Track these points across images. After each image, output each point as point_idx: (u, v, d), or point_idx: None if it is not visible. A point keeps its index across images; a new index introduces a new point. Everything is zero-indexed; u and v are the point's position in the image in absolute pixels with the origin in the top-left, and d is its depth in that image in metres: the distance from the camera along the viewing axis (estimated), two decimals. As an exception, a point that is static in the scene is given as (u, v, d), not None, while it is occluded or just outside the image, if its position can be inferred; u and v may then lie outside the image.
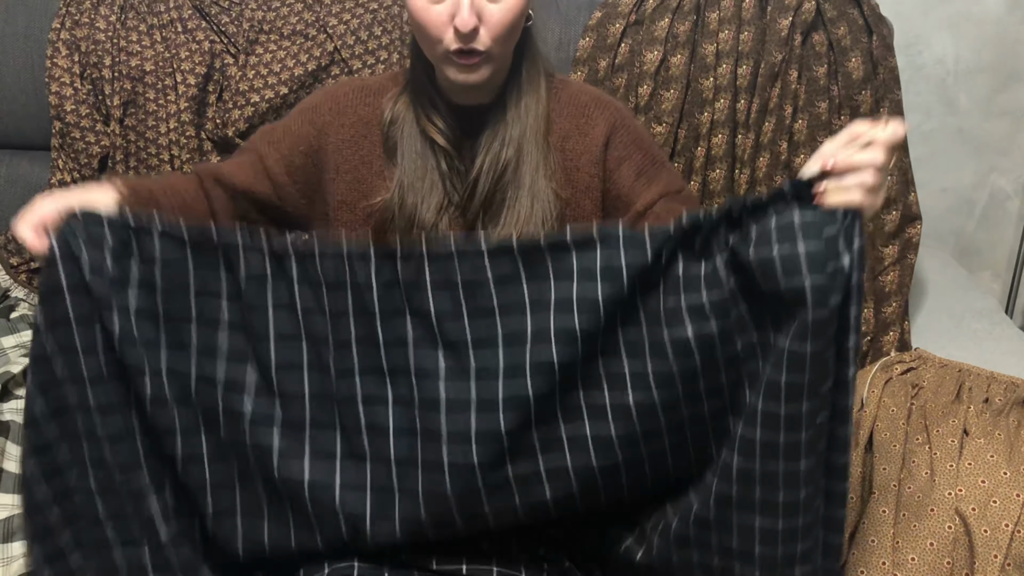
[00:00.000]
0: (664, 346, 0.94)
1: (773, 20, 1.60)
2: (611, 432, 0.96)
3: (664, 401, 0.95)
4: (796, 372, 0.87)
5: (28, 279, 1.70)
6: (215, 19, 1.68)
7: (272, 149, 1.18)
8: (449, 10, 1.02)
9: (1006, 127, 2.07)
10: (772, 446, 0.90)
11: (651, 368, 0.95)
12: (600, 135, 1.16)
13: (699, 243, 0.93)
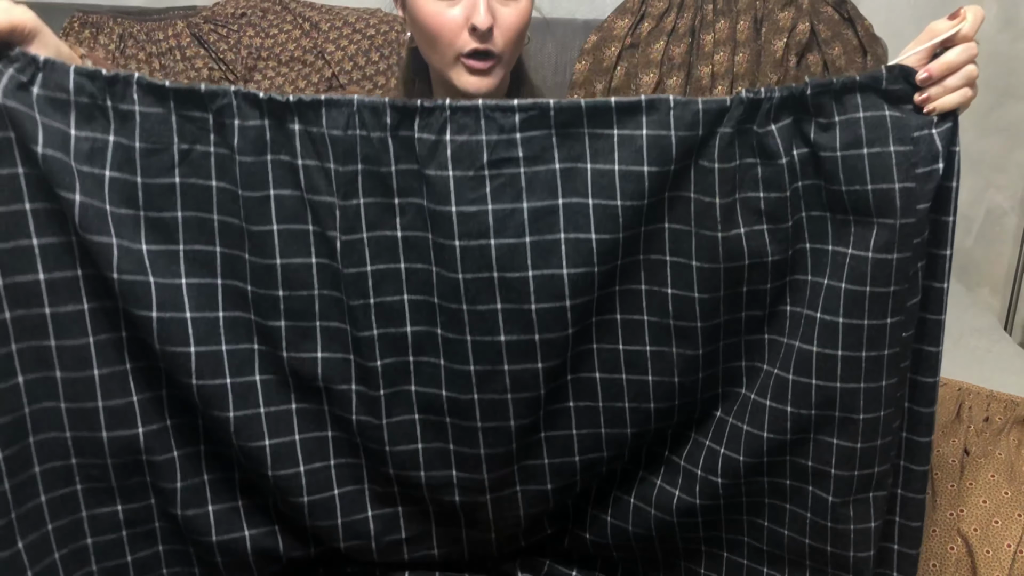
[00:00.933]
0: (716, 244, 0.87)
1: (768, 42, 1.62)
2: (643, 319, 0.90)
3: (704, 300, 0.89)
4: (881, 283, 0.83)
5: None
6: (213, 46, 1.69)
7: None
8: (464, 12, 1.05)
9: (1002, 144, 2.08)
10: (855, 361, 0.86)
11: (695, 263, 0.88)
12: None
13: (761, 130, 0.85)
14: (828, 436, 0.90)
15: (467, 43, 1.06)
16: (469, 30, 1.05)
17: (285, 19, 1.72)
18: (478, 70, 1.07)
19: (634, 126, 0.84)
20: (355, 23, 1.71)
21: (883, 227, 0.82)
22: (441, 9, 1.05)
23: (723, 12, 1.65)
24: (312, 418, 0.93)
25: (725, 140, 0.84)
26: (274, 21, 1.72)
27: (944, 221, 0.86)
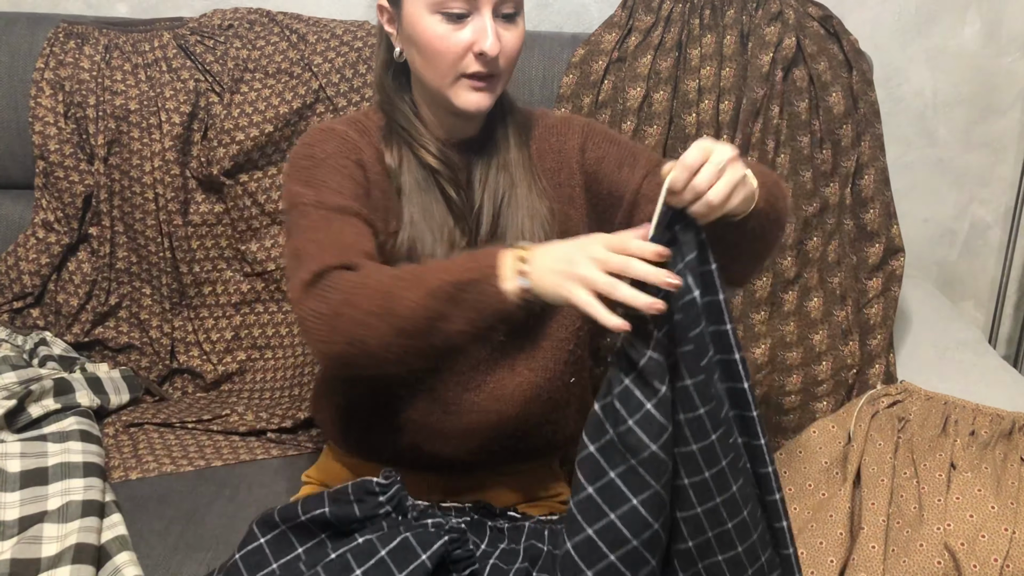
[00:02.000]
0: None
1: (754, 56, 1.62)
2: None
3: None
4: (690, 409, 0.86)
5: (11, 319, 1.69)
6: (200, 58, 1.68)
7: (346, 199, 1.09)
8: (470, 36, 1.06)
9: (985, 158, 2.10)
10: (703, 484, 0.89)
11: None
12: (574, 147, 1.23)
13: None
14: (713, 556, 0.92)
15: (471, 65, 1.08)
16: (476, 54, 1.07)
17: (272, 31, 1.71)
18: (479, 88, 1.09)
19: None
20: (342, 35, 1.70)
21: (670, 365, 0.86)
22: (447, 32, 1.06)
23: (709, 27, 1.65)
24: None
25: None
26: (261, 33, 1.71)
27: (720, 331, 0.89)
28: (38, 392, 1.41)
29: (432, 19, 1.06)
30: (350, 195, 1.09)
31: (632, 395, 0.86)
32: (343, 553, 0.98)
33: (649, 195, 1.18)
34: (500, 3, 1.07)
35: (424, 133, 1.16)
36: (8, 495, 1.25)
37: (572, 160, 1.22)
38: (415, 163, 1.15)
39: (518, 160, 1.18)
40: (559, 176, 1.22)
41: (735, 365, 0.91)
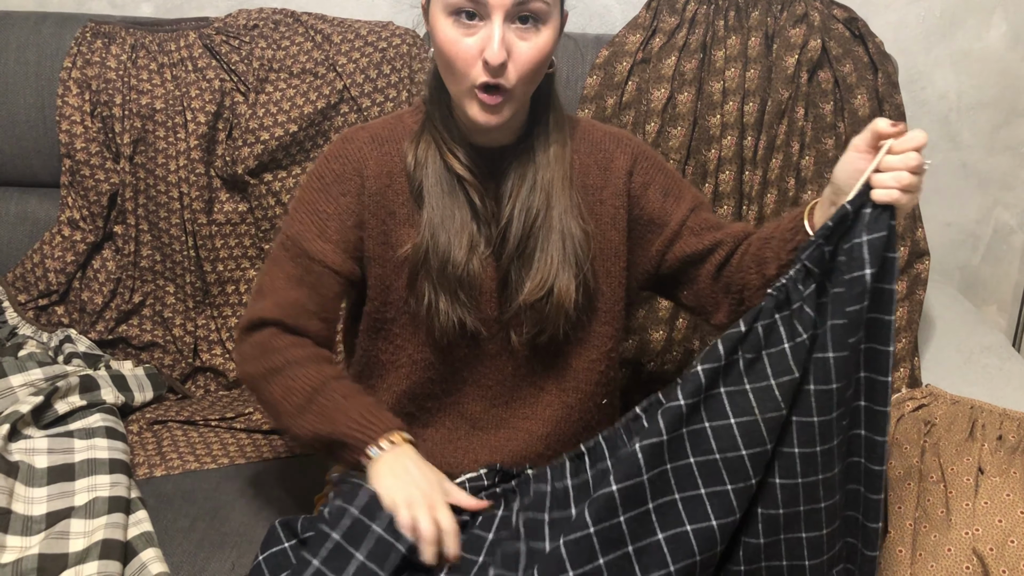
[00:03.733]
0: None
1: (779, 58, 1.62)
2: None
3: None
4: (822, 381, 0.91)
5: (36, 316, 1.70)
6: (225, 58, 1.69)
7: (328, 247, 1.15)
8: (479, 44, 1.02)
9: (1009, 162, 2.08)
10: (811, 456, 0.93)
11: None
12: (622, 167, 1.19)
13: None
14: (797, 532, 0.95)
15: (480, 75, 1.03)
16: (483, 63, 1.02)
17: (297, 31, 1.72)
18: (488, 105, 1.04)
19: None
20: (367, 36, 1.71)
21: (823, 330, 0.91)
22: (457, 37, 1.02)
23: (734, 28, 1.65)
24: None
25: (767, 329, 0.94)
26: (286, 33, 1.72)
27: (885, 320, 0.92)
28: (64, 389, 1.42)
29: (446, 22, 1.03)
30: (328, 232, 1.15)
31: (775, 329, 0.93)
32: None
33: (694, 228, 1.18)
34: (515, 9, 1.01)
35: (457, 138, 1.13)
36: (36, 490, 1.25)
37: (619, 180, 1.19)
38: (441, 165, 1.13)
39: (557, 178, 1.14)
40: (602, 194, 1.18)
41: (885, 357, 0.92)
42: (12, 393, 1.42)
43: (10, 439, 1.30)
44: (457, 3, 1.01)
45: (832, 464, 0.94)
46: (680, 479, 0.94)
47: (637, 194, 1.20)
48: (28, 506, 1.23)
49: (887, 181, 0.91)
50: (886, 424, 0.95)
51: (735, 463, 0.93)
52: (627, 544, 0.93)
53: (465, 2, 1.01)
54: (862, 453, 0.97)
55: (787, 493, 0.94)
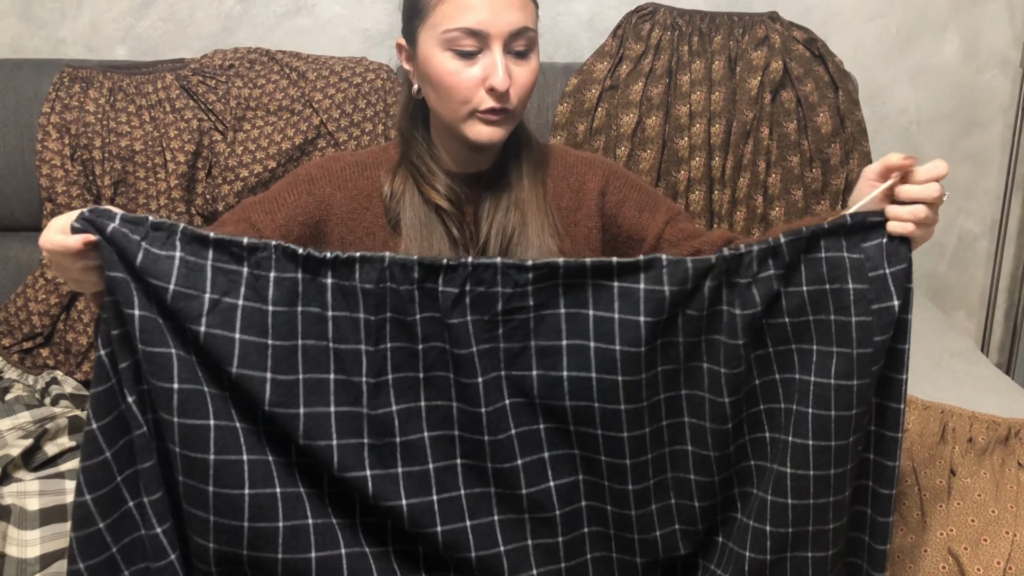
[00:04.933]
0: (702, 375, 0.97)
1: (742, 80, 1.67)
2: (647, 457, 0.99)
3: (693, 429, 0.99)
4: (843, 407, 0.93)
5: (20, 359, 1.71)
6: (203, 98, 1.72)
7: (268, 219, 1.17)
8: (482, 73, 1.07)
9: (969, 171, 2.15)
10: (824, 479, 0.95)
11: (685, 395, 0.98)
12: (594, 189, 1.23)
13: (742, 278, 0.95)
14: (803, 551, 0.98)
15: (484, 101, 1.08)
16: (487, 90, 1.08)
17: (272, 69, 1.76)
18: (492, 121, 1.10)
19: (632, 280, 0.94)
20: (341, 72, 1.74)
21: (842, 356, 0.93)
22: (459, 68, 1.07)
23: (698, 53, 1.70)
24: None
25: (712, 291, 0.95)
26: (261, 72, 1.75)
27: (900, 349, 0.95)
28: (53, 430, 1.43)
29: (444, 56, 1.08)
30: (276, 213, 1.16)
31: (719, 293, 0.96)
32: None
33: (671, 240, 1.20)
34: (511, 40, 1.08)
35: (435, 170, 1.17)
36: (28, 533, 1.26)
37: (591, 201, 1.23)
38: (419, 198, 1.17)
39: (531, 197, 1.18)
40: (575, 215, 1.22)
41: (899, 385, 0.96)
42: (0, 437, 1.43)
43: (1, 483, 1.31)
44: (457, 37, 1.06)
45: (844, 487, 0.96)
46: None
47: (612, 213, 1.24)
48: (22, 549, 1.24)
49: (902, 214, 0.93)
50: (897, 449, 0.98)
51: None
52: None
53: (465, 35, 1.06)
54: (870, 476, 1.00)
55: (798, 513, 0.96)
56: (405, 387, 0.96)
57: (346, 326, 0.94)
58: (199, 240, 0.89)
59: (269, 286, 0.91)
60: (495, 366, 0.96)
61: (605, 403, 0.95)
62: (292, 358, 0.92)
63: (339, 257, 0.92)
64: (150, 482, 0.91)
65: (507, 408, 0.96)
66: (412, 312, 0.95)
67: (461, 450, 0.97)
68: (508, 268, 0.94)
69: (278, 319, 0.92)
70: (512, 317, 0.95)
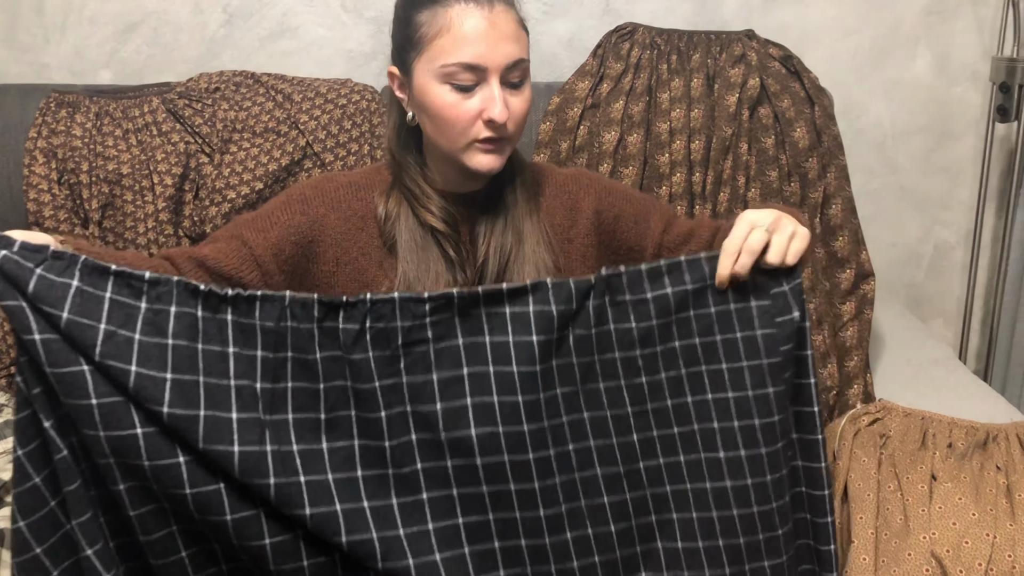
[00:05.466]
0: (600, 395, 1.01)
1: (721, 97, 1.71)
2: (555, 481, 1.00)
3: (600, 450, 1.02)
4: (765, 415, 0.98)
5: (8, 383, 1.72)
6: (189, 121, 1.74)
7: (260, 237, 1.18)
8: (480, 105, 1.10)
9: (944, 183, 2.19)
10: (763, 487, 0.99)
11: (588, 417, 1.01)
12: (589, 208, 1.26)
13: (633, 297, 1.00)
14: (760, 561, 1.01)
15: (482, 131, 1.11)
16: (485, 121, 1.10)
17: (258, 92, 1.78)
18: (490, 150, 1.13)
19: (522, 304, 0.98)
20: (327, 93, 1.77)
21: (753, 368, 0.98)
22: (457, 101, 1.10)
23: (677, 71, 1.74)
24: None
25: (597, 309, 0.99)
26: (247, 94, 1.78)
27: (804, 356, 1.01)
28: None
29: (441, 88, 1.10)
30: (269, 231, 1.18)
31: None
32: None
33: (670, 246, 1.25)
34: (507, 72, 1.10)
35: (430, 193, 1.19)
36: (19, 555, 1.27)
37: (586, 220, 1.25)
38: (414, 221, 1.19)
39: (525, 215, 1.21)
40: (569, 233, 1.25)
41: (808, 389, 1.02)
42: (-9, 461, 1.43)
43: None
44: (455, 71, 1.09)
45: (783, 492, 1.01)
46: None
47: (610, 229, 1.27)
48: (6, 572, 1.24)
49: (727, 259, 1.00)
50: (820, 451, 1.03)
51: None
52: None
53: (463, 70, 1.09)
54: (803, 482, 1.05)
55: (745, 523, 1.00)
56: (305, 429, 0.97)
57: (244, 363, 0.95)
58: (99, 271, 0.90)
59: (169, 320, 0.92)
60: (399, 400, 0.98)
61: (508, 426, 0.97)
62: (193, 392, 0.92)
63: (240, 295, 0.94)
64: (76, 504, 0.92)
65: (413, 443, 0.98)
66: (312, 351, 0.97)
67: (366, 491, 0.98)
68: (405, 301, 0.97)
69: (178, 353, 0.92)
70: (412, 350, 0.98)
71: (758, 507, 0.99)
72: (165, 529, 0.96)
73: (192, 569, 0.99)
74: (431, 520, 0.98)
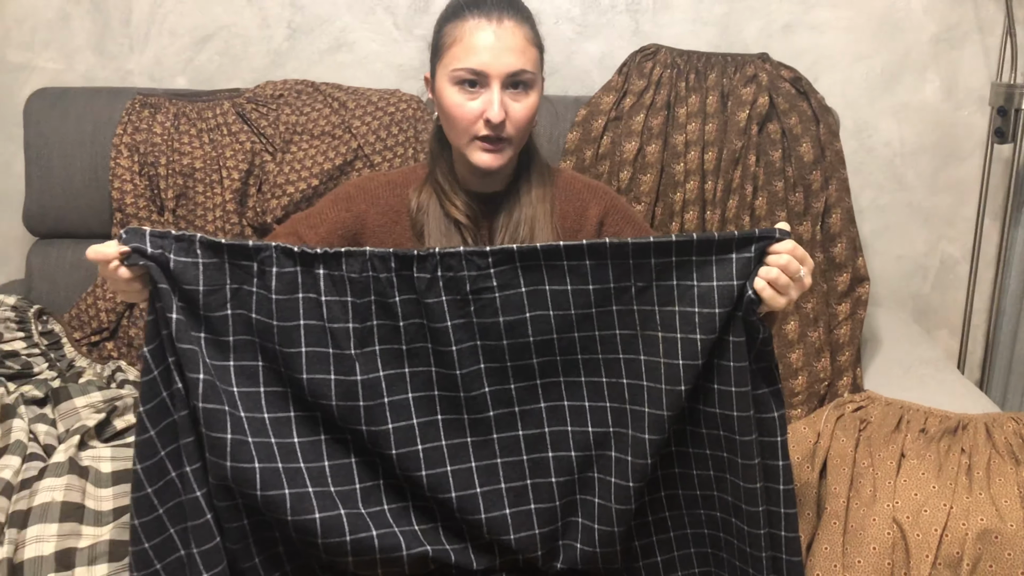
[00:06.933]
0: (656, 343, 1.14)
1: (733, 113, 1.87)
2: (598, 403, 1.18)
3: (651, 391, 1.14)
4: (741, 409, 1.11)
5: (88, 351, 1.94)
6: (255, 123, 1.95)
7: (312, 232, 1.39)
8: (481, 106, 1.26)
9: (950, 200, 2.32)
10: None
11: (644, 360, 1.14)
12: (595, 216, 1.41)
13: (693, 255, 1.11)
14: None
15: (481, 130, 1.27)
16: (484, 121, 1.26)
17: (317, 99, 1.99)
18: (489, 148, 1.28)
19: (580, 258, 1.12)
20: (377, 102, 1.97)
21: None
22: (462, 101, 1.27)
23: (694, 89, 1.91)
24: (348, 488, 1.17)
25: (659, 267, 1.12)
26: (307, 101, 1.99)
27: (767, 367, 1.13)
28: (121, 408, 1.65)
29: (452, 89, 1.28)
30: (319, 227, 1.38)
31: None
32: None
33: None
34: (509, 79, 1.25)
35: (456, 189, 1.35)
36: (103, 490, 1.47)
37: (591, 227, 1.40)
38: (440, 212, 1.36)
39: (539, 215, 1.35)
40: (577, 236, 1.39)
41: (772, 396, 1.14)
42: (76, 412, 1.64)
43: (80, 448, 1.52)
44: (463, 76, 1.27)
45: (754, 478, 1.12)
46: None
47: None
48: (98, 502, 1.44)
49: (762, 272, 1.08)
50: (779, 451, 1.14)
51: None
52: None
53: (469, 74, 1.26)
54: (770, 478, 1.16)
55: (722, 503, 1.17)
56: (390, 357, 1.15)
57: (337, 308, 1.13)
58: (214, 246, 1.10)
59: (272, 279, 1.12)
60: (471, 336, 1.14)
61: (565, 355, 1.15)
62: (295, 334, 1.12)
63: (327, 252, 1.12)
64: (191, 454, 1.11)
65: (482, 371, 1.15)
66: (392, 295, 1.13)
67: (441, 407, 1.16)
68: (471, 255, 1.12)
69: (280, 304, 1.12)
70: (480, 296, 1.13)
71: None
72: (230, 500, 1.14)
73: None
74: (495, 431, 1.16)
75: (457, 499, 1.16)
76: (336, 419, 1.14)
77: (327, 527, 1.12)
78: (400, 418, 1.15)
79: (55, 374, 1.80)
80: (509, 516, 1.18)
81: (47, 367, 1.82)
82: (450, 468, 1.16)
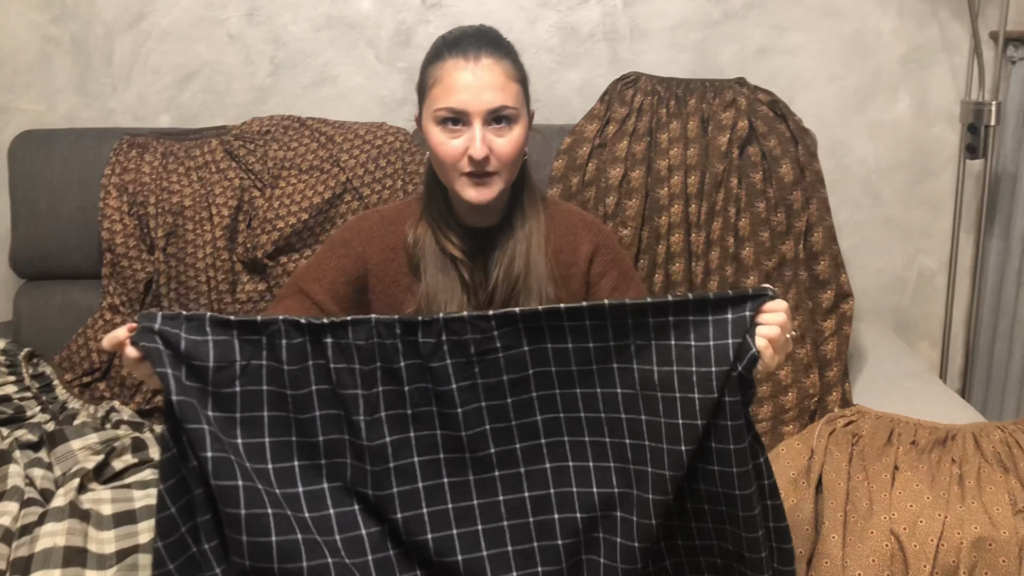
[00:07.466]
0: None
1: (714, 138, 1.92)
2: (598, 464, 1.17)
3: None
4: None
5: (81, 391, 1.93)
6: (243, 159, 1.97)
7: (316, 285, 1.40)
8: (464, 144, 1.28)
9: (926, 215, 2.38)
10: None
11: (644, 419, 1.14)
12: (586, 252, 1.43)
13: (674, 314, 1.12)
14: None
15: (466, 166, 1.29)
16: (468, 158, 1.28)
17: (304, 134, 2.01)
18: (477, 183, 1.30)
19: (580, 319, 1.13)
20: (364, 135, 1.99)
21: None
22: (446, 140, 1.29)
23: (675, 115, 1.95)
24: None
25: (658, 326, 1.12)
26: (294, 136, 2.00)
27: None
28: (119, 449, 1.65)
29: (436, 129, 1.30)
30: (323, 279, 1.39)
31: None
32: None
33: None
34: (490, 115, 1.27)
35: (452, 224, 1.37)
36: (105, 533, 1.47)
37: (583, 262, 1.42)
38: (436, 247, 1.38)
39: (536, 251, 1.37)
40: (571, 270, 1.42)
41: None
42: (73, 455, 1.64)
43: (79, 492, 1.52)
44: (445, 115, 1.29)
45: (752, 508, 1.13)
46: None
47: (594, 281, 1.44)
48: (100, 545, 1.44)
49: (762, 330, 1.08)
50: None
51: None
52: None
53: (450, 113, 1.29)
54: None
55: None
56: (395, 422, 1.15)
57: (345, 375, 1.14)
58: (224, 323, 1.10)
59: (283, 351, 1.12)
60: (475, 398, 1.14)
61: (569, 412, 1.16)
62: (308, 400, 1.13)
63: (335, 321, 1.13)
64: (209, 531, 1.10)
65: (487, 432, 1.15)
66: (397, 360, 1.13)
67: (447, 469, 1.16)
68: (474, 319, 1.12)
69: (292, 374, 1.12)
70: (484, 357, 1.13)
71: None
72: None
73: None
74: (501, 494, 1.17)
75: (464, 563, 1.16)
76: (348, 482, 1.15)
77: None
78: (405, 482, 1.15)
79: (48, 417, 1.79)
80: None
81: (40, 410, 1.82)
82: (456, 531, 1.16)
